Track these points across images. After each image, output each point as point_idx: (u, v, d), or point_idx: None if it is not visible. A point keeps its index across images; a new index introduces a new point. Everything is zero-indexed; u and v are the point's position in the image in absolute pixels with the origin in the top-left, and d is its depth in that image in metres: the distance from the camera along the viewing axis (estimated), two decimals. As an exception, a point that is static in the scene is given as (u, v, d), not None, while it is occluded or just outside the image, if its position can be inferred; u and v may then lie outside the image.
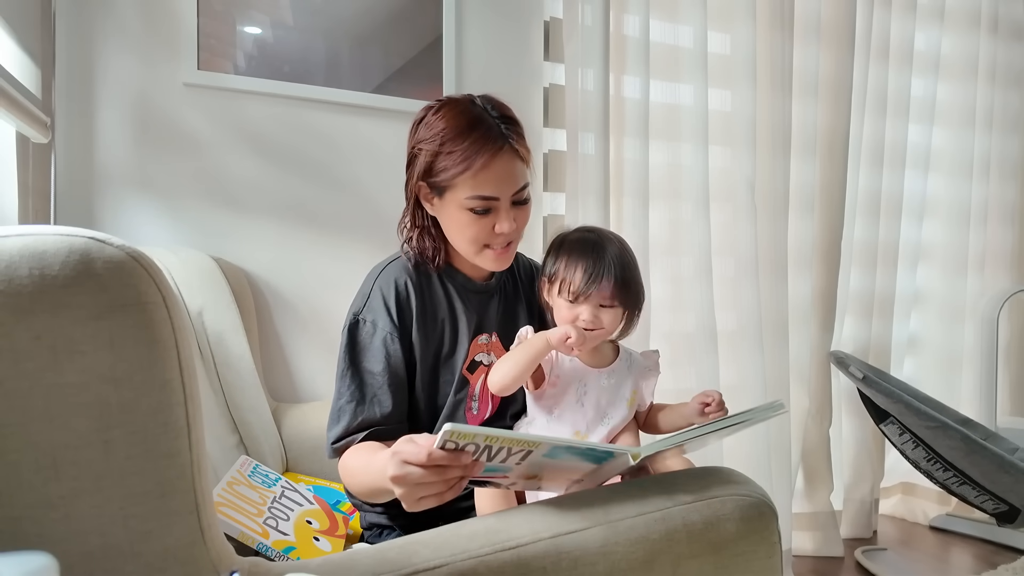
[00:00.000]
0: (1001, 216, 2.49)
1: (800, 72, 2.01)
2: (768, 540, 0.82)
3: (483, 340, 1.06)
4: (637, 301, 1.00)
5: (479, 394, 1.04)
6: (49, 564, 0.41)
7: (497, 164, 0.94)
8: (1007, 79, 2.48)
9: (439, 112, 0.97)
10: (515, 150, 0.96)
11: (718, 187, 1.91)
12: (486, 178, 0.94)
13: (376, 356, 0.97)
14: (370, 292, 1.00)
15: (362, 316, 0.99)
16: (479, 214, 0.96)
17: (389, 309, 0.98)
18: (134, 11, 1.48)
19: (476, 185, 0.94)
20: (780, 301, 1.96)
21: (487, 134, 0.94)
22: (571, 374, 1.00)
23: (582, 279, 0.95)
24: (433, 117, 0.98)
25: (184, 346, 0.58)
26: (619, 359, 1.04)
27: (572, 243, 1.01)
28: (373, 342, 0.97)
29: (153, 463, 0.57)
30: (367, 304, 0.99)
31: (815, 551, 2.06)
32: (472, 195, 0.94)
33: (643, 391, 1.05)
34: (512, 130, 0.97)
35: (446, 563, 0.68)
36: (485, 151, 0.93)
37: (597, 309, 0.96)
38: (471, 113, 0.96)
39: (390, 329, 0.97)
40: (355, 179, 1.68)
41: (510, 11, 1.84)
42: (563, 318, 0.98)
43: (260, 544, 0.92)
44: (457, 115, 0.96)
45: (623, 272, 0.96)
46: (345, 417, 0.95)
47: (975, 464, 1.62)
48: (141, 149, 1.50)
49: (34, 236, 0.54)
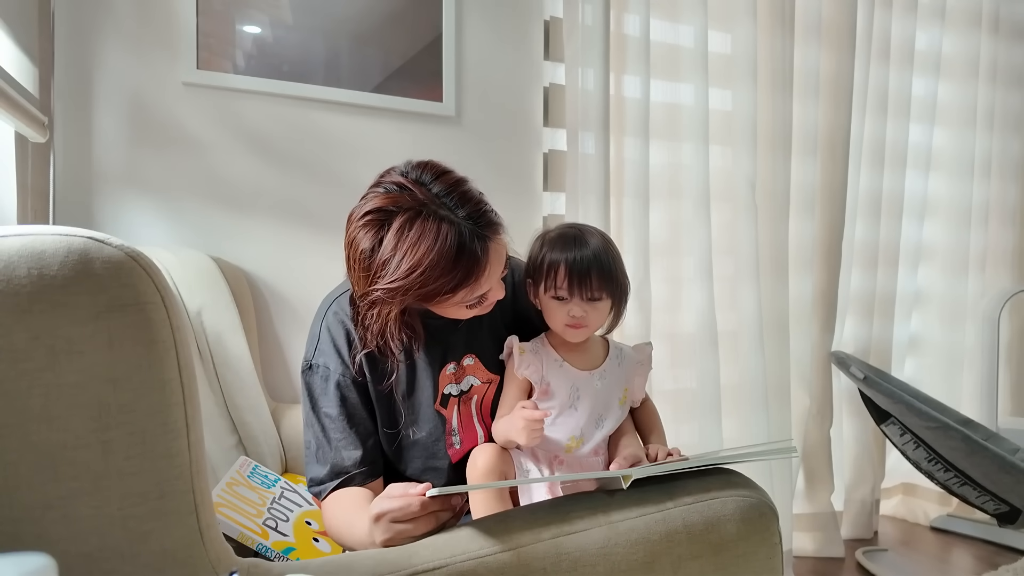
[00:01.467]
0: (1002, 216, 2.49)
1: (801, 72, 2.01)
2: (769, 541, 0.82)
3: (451, 370, 0.99)
4: (623, 292, 0.99)
5: (458, 427, 0.99)
6: (48, 565, 0.41)
7: (487, 271, 0.85)
8: (1008, 79, 2.48)
9: (404, 236, 0.81)
10: (496, 243, 0.87)
11: (719, 187, 1.91)
12: (479, 285, 0.86)
13: (332, 401, 0.93)
14: (319, 334, 0.95)
15: (314, 361, 0.94)
16: (473, 307, 0.90)
17: (339, 350, 0.93)
18: (133, 10, 1.48)
19: (469, 296, 0.87)
20: (781, 301, 1.95)
21: (472, 255, 0.82)
22: (562, 380, 0.99)
23: (566, 276, 0.94)
24: (399, 241, 0.81)
25: (183, 346, 0.58)
26: (609, 358, 1.02)
27: (553, 240, 0.98)
28: (328, 387, 0.93)
29: (152, 464, 0.57)
30: (317, 348, 0.95)
31: (816, 552, 2.05)
32: (465, 302, 0.88)
33: (634, 388, 1.03)
34: (487, 226, 0.85)
35: (446, 564, 0.68)
36: (475, 273, 0.84)
37: (586, 303, 0.95)
38: (448, 241, 0.81)
39: (341, 371, 0.93)
40: (355, 179, 1.68)
41: (510, 10, 1.84)
42: (553, 317, 0.97)
43: (259, 545, 0.92)
44: (433, 248, 0.80)
45: (607, 264, 0.95)
46: (313, 466, 0.94)
47: (976, 465, 1.62)
48: (140, 148, 1.49)
49: (33, 236, 0.54)
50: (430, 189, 0.83)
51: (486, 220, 0.85)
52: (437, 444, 0.99)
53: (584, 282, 0.93)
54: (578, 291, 0.94)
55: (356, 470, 0.93)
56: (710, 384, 1.85)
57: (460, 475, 0.97)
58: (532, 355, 0.99)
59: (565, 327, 0.97)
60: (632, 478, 0.76)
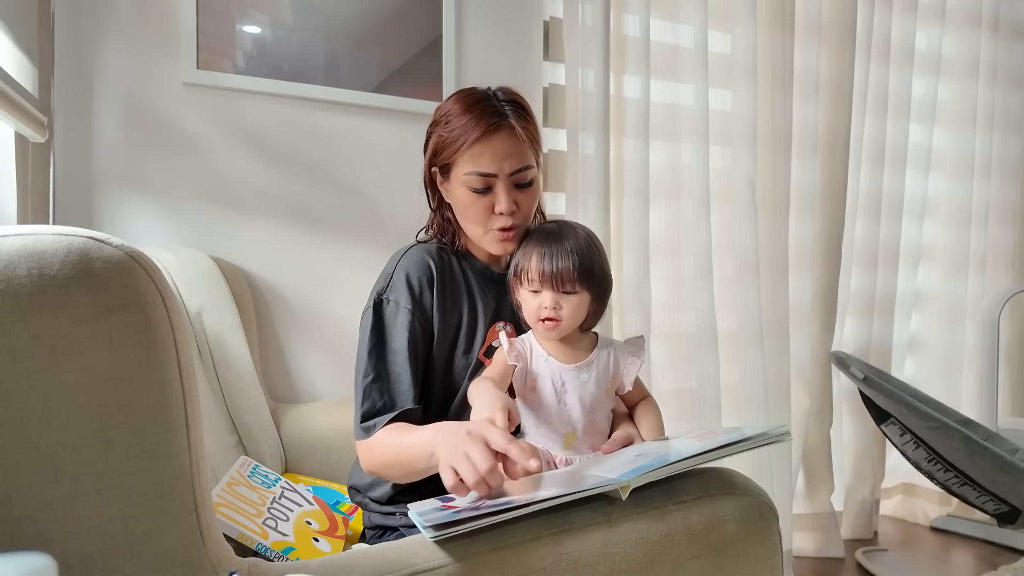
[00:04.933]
0: (1002, 216, 2.49)
1: (801, 72, 2.01)
2: (769, 541, 0.82)
3: (499, 327, 1.07)
4: (602, 287, 0.98)
5: None
6: (48, 565, 0.41)
7: (495, 139, 0.96)
8: (1008, 79, 2.48)
9: (452, 97, 1.03)
10: (513, 127, 0.97)
11: (719, 187, 1.91)
12: (482, 152, 0.96)
13: (400, 335, 0.98)
14: (393, 272, 1.02)
15: (386, 296, 1.00)
16: (479, 192, 0.98)
17: (412, 289, 1.00)
18: (133, 10, 1.48)
19: (473, 160, 0.96)
20: (781, 301, 1.95)
21: (486, 110, 0.97)
22: (547, 374, 0.98)
23: (538, 264, 0.95)
24: (446, 102, 1.03)
25: (183, 346, 0.58)
26: (596, 351, 1.01)
27: (532, 233, 1.01)
28: (397, 321, 0.99)
29: (152, 463, 0.57)
30: (390, 284, 1.01)
31: (816, 552, 2.05)
32: (470, 170, 0.97)
33: (623, 376, 1.01)
34: (515, 111, 0.99)
35: (446, 563, 0.68)
36: (482, 124, 0.96)
37: (559, 296, 0.94)
38: (477, 94, 1.00)
39: (411, 307, 0.99)
40: (355, 178, 1.68)
41: (510, 10, 1.83)
42: (529, 310, 0.97)
43: (259, 545, 0.92)
44: (464, 96, 1.00)
45: (584, 257, 0.95)
46: (368, 399, 0.96)
47: (976, 465, 1.62)
48: (140, 148, 1.49)
49: (33, 236, 0.54)
50: (490, 87, 1.03)
51: (516, 109, 0.99)
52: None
53: (556, 273, 0.94)
54: (549, 282, 0.94)
55: (412, 405, 0.96)
56: (710, 384, 1.85)
57: None
58: (520, 346, 0.99)
59: (538, 321, 0.96)
60: (631, 488, 0.75)
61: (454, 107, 1.00)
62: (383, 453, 0.94)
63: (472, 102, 0.99)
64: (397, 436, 0.92)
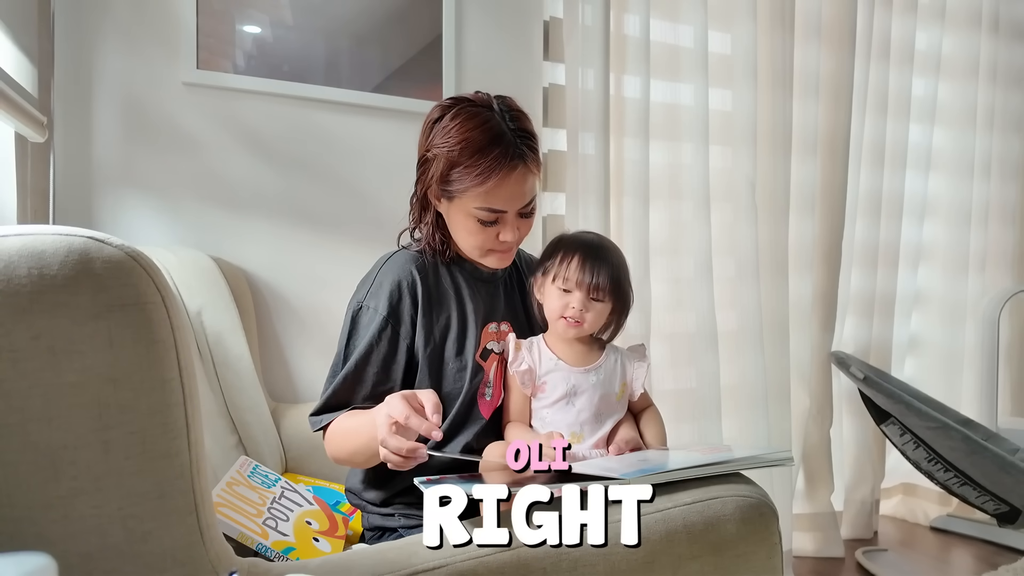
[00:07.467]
0: (1002, 216, 2.48)
1: (801, 72, 2.00)
2: (769, 541, 0.82)
3: (492, 329, 1.08)
4: (625, 304, 1.03)
5: (493, 381, 1.06)
6: (48, 564, 0.41)
7: (511, 182, 0.96)
8: (1008, 79, 2.47)
9: (457, 118, 0.96)
10: (529, 168, 0.98)
11: (718, 187, 1.91)
12: (498, 194, 0.96)
13: (370, 342, 0.99)
14: (374, 279, 1.03)
15: (365, 303, 1.01)
16: (485, 224, 0.98)
17: (391, 296, 1.00)
18: (133, 10, 1.48)
19: (487, 198, 0.96)
20: (781, 301, 1.95)
21: (505, 152, 0.94)
22: (557, 376, 1.01)
23: (578, 267, 0.98)
24: (451, 123, 0.97)
25: (183, 346, 0.58)
26: (604, 355, 1.04)
27: (572, 238, 1.05)
28: (370, 328, 0.99)
29: (152, 463, 0.57)
30: (369, 291, 1.02)
31: (816, 552, 2.05)
32: (481, 206, 0.97)
33: (632, 381, 1.06)
34: (529, 145, 0.98)
35: (446, 563, 0.68)
36: (501, 170, 0.94)
37: (587, 300, 0.98)
38: (491, 127, 0.95)
39: (387, 314, 0.99)
40: (355, 178, 1.68)
41: (510, 11, 1.83)
42: (553, 307, 1.00)
43: (259, 545, 0.92)
44: (477, 127, 0.95)
45: (618, 272, 1.00)
46: (335, 393, 0.98)
47: (976, 465, 1.63)
48: (140, 148, 1.49)
49: (33, 236, 0.54)
50: (494, 104, 1.00)
51: (529, 143, 0.98)
52: (474, 393, 1.04)
53: (592, 277, 0.98)
54: (584, 284, 0.98)
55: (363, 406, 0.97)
56: (710, 384, 1.85)
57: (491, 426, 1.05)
58: (527, 352, 1.02)
59: (560, 319, 1.00)
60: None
61: (466, 140, 0.94)
62: (340, 444, 0.97)
63: (489, 140, 0.94)
64: (348, 422, 0.96)
